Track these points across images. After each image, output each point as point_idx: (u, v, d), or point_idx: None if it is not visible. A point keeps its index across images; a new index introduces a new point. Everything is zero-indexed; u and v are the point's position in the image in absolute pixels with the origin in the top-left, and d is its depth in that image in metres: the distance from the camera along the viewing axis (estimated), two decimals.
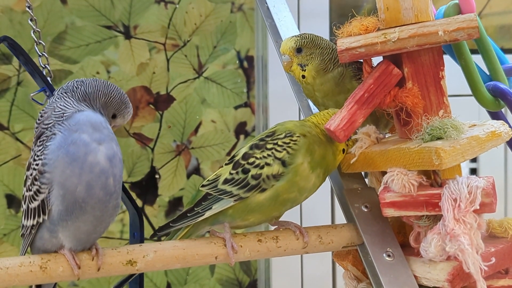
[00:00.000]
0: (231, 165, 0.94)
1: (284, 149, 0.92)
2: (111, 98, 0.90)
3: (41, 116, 0.88)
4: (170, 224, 0.95)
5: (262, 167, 0.92)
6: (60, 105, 0.88)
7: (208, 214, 0.93)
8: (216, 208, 0.93)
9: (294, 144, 0.93)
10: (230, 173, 0.94)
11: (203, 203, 0.94)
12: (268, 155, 0.92)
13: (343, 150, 0.96)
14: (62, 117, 0.86)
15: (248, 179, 0.92)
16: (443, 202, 0.86)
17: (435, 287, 0.90)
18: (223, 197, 0.93)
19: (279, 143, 0.93)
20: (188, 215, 0.94)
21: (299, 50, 1.02)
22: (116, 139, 0.88)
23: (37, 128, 0.88)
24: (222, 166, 0.96)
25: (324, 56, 1.02)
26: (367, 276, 0.94)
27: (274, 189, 0.92)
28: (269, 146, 0.93)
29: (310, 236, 0.95)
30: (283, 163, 0.92)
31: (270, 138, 0.94)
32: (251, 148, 0.94)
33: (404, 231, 0.98)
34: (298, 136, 0.93)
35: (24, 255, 0.88)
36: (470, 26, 0.89)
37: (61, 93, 0.89)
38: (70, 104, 0.88)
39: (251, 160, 0.93)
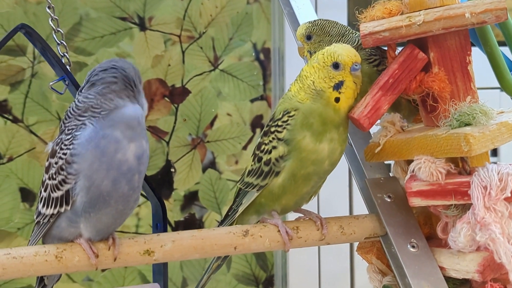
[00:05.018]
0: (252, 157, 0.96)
1: (284, 128, 0.91)
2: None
3: (78, 109, 0.85)
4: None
5: (270, 152, 0.92)
6: (99, 101, 0.84)
7: (241, 209, 0.94)
8: (245, 202, 0.94)
9: (292, 119, 0.91)
10: (251, 165, 0.94)
11: (236, 200, 0.96)
12: (273, 138, 0.92)
13: (337, 99, 0.90)
14: (99, 108, 0.83)
15: (262, 167, 0.92)
16: (473, 190, 0.84)
17: (465, 279, 0.88)
18: (248, 189, 0.94)
19: (279, 123, 0.92)
20: (229, 214, 0.96)
21: (308, 37, 1.02)
22: (146, 134, 0.86)
23: (70, 117, 0.85)
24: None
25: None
26: (392, 270, 0.92)
27: (287, 170, 0.91)
28: (272, 129, 0.92)
29: (331, 226, 0.93)
30: (286, 142, 0.91)
31: (272, 121, 0.93)
32: (261, 136, 0.94)
33: (430, 223, 0.95)
34: (295, 110, 0.91)
35: (34, 242, 0.88)
36: (498, 8, 0.86)
37: (102, 88, 0.85)
38: (110, 100, 0.84)
39: (262, 147, 0.93)
